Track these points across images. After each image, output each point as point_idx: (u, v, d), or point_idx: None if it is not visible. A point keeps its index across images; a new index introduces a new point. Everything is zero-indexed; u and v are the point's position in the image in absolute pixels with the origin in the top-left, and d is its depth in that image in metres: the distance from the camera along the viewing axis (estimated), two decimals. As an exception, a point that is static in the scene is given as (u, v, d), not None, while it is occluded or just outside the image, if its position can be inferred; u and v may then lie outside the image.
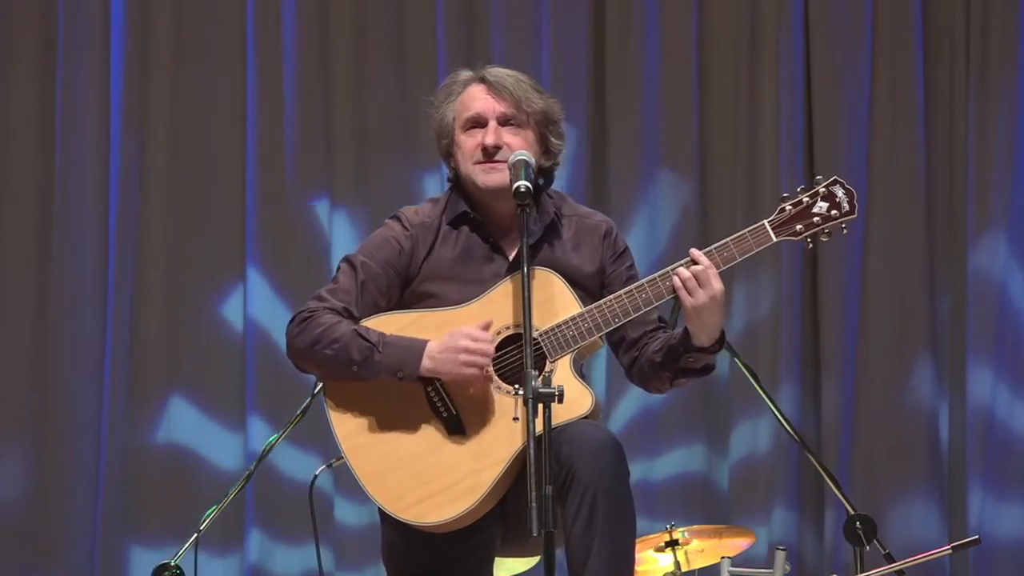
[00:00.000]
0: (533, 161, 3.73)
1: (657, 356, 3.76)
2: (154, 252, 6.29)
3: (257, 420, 6.19)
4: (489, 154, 3.77)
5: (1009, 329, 6.30)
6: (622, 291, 3.67)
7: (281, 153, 6.33)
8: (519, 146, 3.76)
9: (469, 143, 3.80)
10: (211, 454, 6.25)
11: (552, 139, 3.84)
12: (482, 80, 3.83)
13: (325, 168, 6.35)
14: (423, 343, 3.65)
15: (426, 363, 3.63)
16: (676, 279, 3.62)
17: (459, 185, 3.86)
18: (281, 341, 5.97)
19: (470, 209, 3.83)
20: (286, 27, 6.37)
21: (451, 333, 3.64)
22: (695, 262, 3.63)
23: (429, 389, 3.67)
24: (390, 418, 3.68)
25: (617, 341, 3.85)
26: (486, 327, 3.65)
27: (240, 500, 6.02)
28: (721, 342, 3.70)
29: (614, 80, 6.41)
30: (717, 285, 3.61)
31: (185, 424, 6.24)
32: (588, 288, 3.80)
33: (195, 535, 4.78)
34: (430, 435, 3.66)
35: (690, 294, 3.61)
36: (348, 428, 3.70)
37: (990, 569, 6.21)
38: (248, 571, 6.18)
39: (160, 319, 6.26)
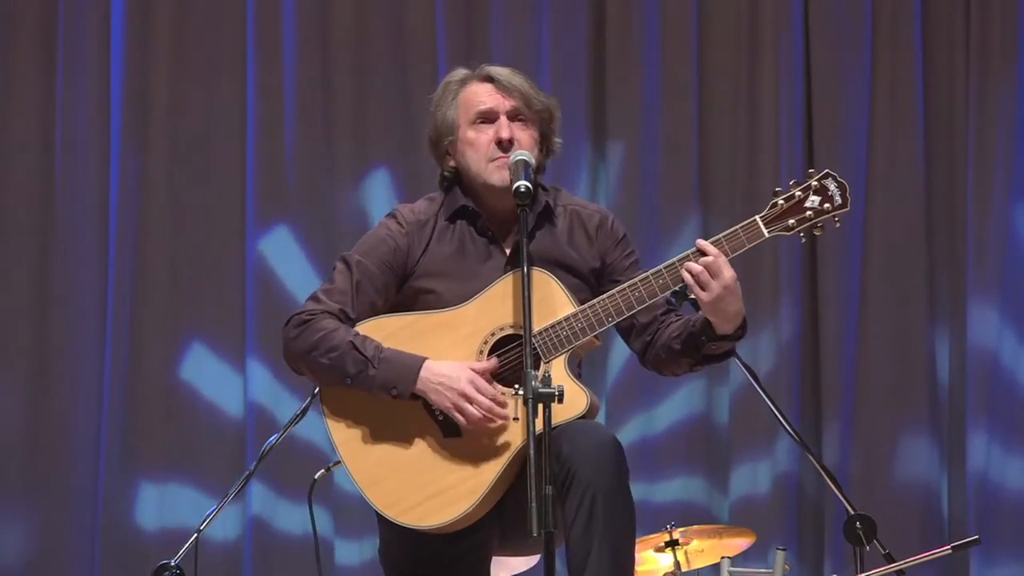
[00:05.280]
0: (533, 161, 3.73)
1: (676, 343, 3.74)
2: (154, 253, 6.29)
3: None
4: (504, 148, 3.75)
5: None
6: (615, 289, 3.66)
7: (281, 152, 6.33)
8: (528, 142, 3.76)
9: (482, 138, 3.78)
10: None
11: (553, 137, 3.85)
12: (488, 78, 3.82)
13: (325, 166, 6.35)
14: (419, 362, 3.64)
15: (420, 385, 3.62)
16: (686, 275, 3.59)
17: (456, 183, 3.85)
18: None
19: (468, 203, 3.82)
20: (286, 28, 6.38)
21: (456, 365, 3.63)
22: (702, 253, 3.60)
23: None
24: (387, 422, 3.67)
25: (627, 327, 3.83)
26: (491, 369, 3.64)
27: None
28: (744, 327, 3.68)
29: (614, 80, 6.41)
30: (729, 273, 3.58)
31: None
32: (585, 279, 3.80)
33: (195, 535, 4.76)
34: (427, 438, 3.66)
35: (704, 288, 3.58)
36: (345, 433, 3.69)
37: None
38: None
39: (160, 315, 6.27)
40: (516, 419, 3.60)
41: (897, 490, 6.27)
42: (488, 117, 3.79)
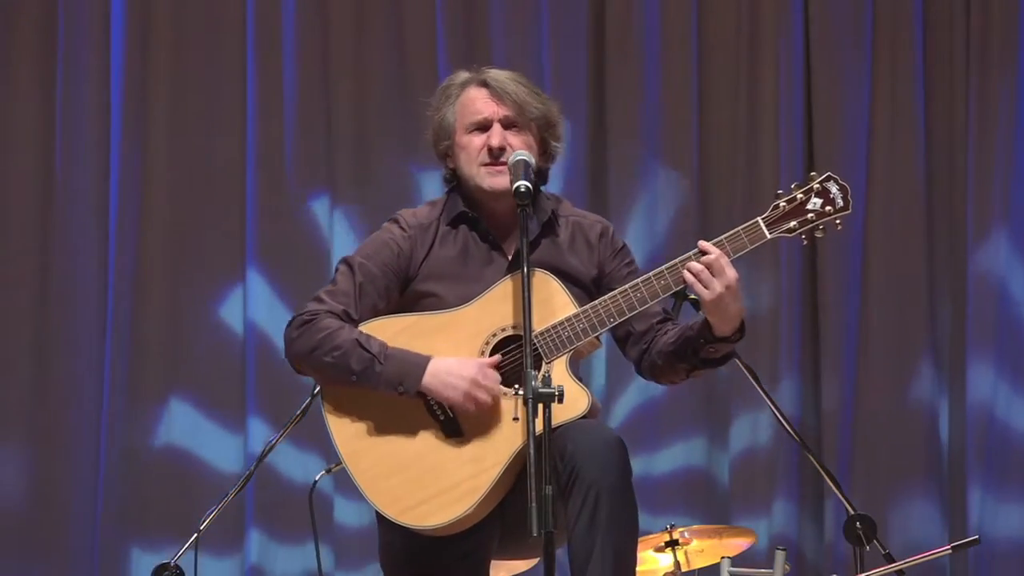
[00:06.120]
0: (533, 161, 3.74)
1: (672, 347, 3.74)
2: (154, 252, 6.29)
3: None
4: (495, 156, 3.77)
5: (1011, 334, 6.31)
6: (616, 290, 3.67)
7: (281, 152, 6.33)
8: (521, 148, 3.77)
9: (474, 143, 3.80)
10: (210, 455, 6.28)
11: (552, 142, 3.86)
12: (484, 84, 3.83)
13: (325, 167, 6.35)
14: (425, 359, 3.64)
15: (428, 380, 3.63)
16: (688, 274, 3.60)
17: (457, 186, 3.87)
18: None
19: (469, 209, 3.83)
20: (286, 27, 6.38)
21: (462, 360, 3.64)
22: (703, 253, 3.61)
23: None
24: (388, 422, 3.67)
25: (623, 336, 3.84)
26: (494, 364, 3.65)
27: (240, 499, 6.03)
28: (743, 330, 3.68)
29: (614, 80, 6.41)
30: (731, 273, 3.59)
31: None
32: (586, 288, 3.81)
33: (195, 535, 4.76)
34: (428, 438, 3.66)
35: (706, 286, 3.58)
36: (346, 433, 3.70)
37: (991, 569, 6.23)
38: (248, 573, 6.19)
39: (160, 315, 6.26)
40: (516, 419, 3.60)
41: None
42: (482, 125, 3.81)
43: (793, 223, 3.66)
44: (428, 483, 3.62)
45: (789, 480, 6.26)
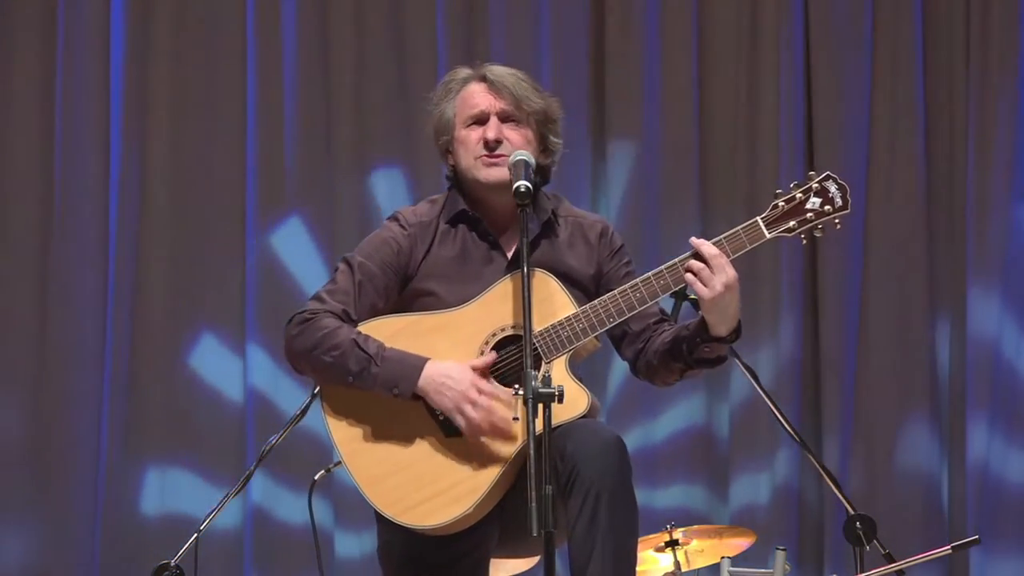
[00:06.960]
0: (533, 161, 3.74)
1: (668, 346, 3.74)
2: (154, 252, 6.29)
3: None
4: (491, 148, 3.77)
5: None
6: (616, 291, 3.66)
7: (281, 152, 6.33)
8: (519, 142, 3.78)
9: (471, 137, 3.81)
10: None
11: (551, 137, 3.86)
12: (482, 79, 3.84)
13: (325, 167, 6.35)
14: (422, 361, 3.64)
15: (423, 384, 3.63)
16: (689, 275, 3.60)
17: (457, 183, 3.87)
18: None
19: (469, 207, 3.83)
20: (286, 27, 6.38)
21: (459, 367, 3.63)
22: (700, 251, 3.61)
23: None
24: (387, 422, 3.67)
25: (619, 335, 3.84)
26: (488, 365, 3.64)
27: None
28: (739, 330, 3.68)
29: (614, 80, 6.41)
30: (731, 271, 3.59)
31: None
32: (584, 288, 3.80)
33: (195, 535, 4.77)
34: (428, 438, 3.66)
35: (706, 284, 3.58)
36: (346, 433, 3.70)
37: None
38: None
39: (161, 314, 6.27)
40: (516, 419, 3.60)
41: (897, 488, 6.27)
42: (479, 119, 3.82)
43: (792, 223, 3.66)
44: (427, 483, 3.62)
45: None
